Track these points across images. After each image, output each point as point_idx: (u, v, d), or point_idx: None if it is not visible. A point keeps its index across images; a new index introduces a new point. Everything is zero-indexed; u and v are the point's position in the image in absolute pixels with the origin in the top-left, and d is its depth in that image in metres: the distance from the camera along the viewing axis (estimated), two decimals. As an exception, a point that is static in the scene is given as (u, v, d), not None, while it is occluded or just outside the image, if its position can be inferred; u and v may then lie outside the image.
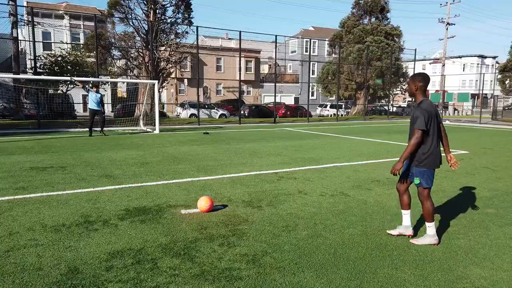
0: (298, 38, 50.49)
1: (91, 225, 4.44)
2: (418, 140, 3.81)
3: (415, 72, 4.15)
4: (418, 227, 4.56)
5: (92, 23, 23.47)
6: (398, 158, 3.98)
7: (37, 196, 5.62)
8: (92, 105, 14.45)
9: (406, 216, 4.24)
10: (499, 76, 36.19)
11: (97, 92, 14.49)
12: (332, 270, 3.41)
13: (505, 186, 6.79)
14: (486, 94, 59.63)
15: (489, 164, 9.03)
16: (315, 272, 3.36)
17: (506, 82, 35.50)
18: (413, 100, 4.14)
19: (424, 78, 3.91)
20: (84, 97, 28.11)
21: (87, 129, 14.65)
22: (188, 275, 3.26)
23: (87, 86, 14.99)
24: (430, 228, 4.02)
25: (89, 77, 24.08)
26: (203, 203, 4.97)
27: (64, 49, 25.95)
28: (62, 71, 24.05)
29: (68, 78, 16.27)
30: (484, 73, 34.36)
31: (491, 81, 58.01)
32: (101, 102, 14.59)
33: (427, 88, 4.08)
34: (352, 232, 4.38)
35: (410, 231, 4.21)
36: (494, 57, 69.49)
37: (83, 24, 40.24)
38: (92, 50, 24.81)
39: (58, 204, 5.27)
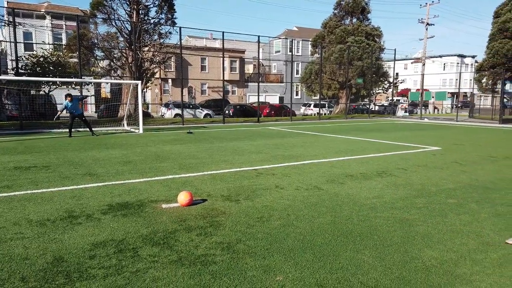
0: (281, 38, 50.95)
1: (75, 219, 4.67)
2: None
3: None
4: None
5: (75, 23, 23.38)
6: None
7: (22, 194, 5.81)
8: (70, 109, 14.56)
9: None
10: (476, 75, 37.30)
11: (71, 100, 14.47)
12: (300, 254, 3.74)
13: (468, 179, 7.24)
14: (465, 92, 61.20)
15: (458, 159, 9.52)
16: (283, 256, 3.68)
17: (483, 81, 36.62)
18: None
19: None
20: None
21: (67, 129, 14.75)
22: (167, 261, 3.54)
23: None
24: None
25: (72, 77, 24.01)
26: (183, 197, 5.24)
27: (46, 50, 25.76)
28: (44, 71, 23.91)
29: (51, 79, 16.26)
30: (462, 72, 35.36)
31: (470, 80, 59.57)
32: (80, 104, 14.82)
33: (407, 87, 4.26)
34: (321, 221, 4.72)
35: None
36: (473, 57, 71.31)
37: (65, 24, 39.87)
38: (75, 50, 24.74)
39: (43, 201, 5.47)
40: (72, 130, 14.72)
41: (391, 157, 9.89)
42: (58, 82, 24.79)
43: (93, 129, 15.28)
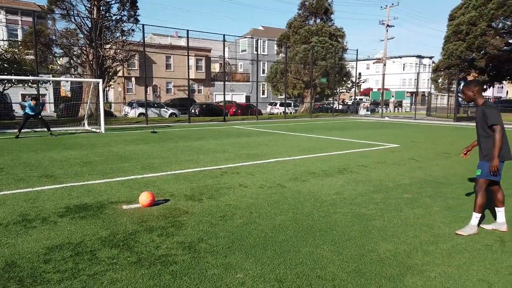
0: (247, 37, 51.04)
1: (30, 223, 4.49)
2: (501, 134, 4.00)
3: (467, 81, 4.44)
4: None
5: (31, 19, 22.35)
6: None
7: (-29, 198, 5.51)
8: (28, 110, 13.96)
9: (501, 215, 4.36)
10: (433, 75, 39.04)
11: (36, 105, 13.92)
12: (261, 251, 3.79)
13: (423, 174, 7.59)
14: (423, 92, 63.83)
15: (415, 156, 9.95)
16: (245, 254, 3.72)
17: (439, 81, 38.38)
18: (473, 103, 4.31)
19: (478, 83, 4.24)
20: (24, 96, 26.70)
21: (16, 130, 14.11)
22: (126, 263, 3.48)
23: (27, 98, 14.58)
24: (473, 220, 4.28)
25: (28, 75, 22.94)
26: (144, 197, 5.17)
27: (0, 46, 24.43)
28: (-2, 69, 22.65)
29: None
30: (420, 73, 36.86)
31: (428, 79, 62.26)
32: (39, 109, 14.28)
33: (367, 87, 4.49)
34: (283, 218, 4.80)
35: (504, 227, 4.32)
36: (430, 57, 74.42)
37: (21, 20, 37.98)
38: (31, 47, 23.64)
39: (-5, 204, 5.22)
40: (29, 130, 14.09)
41: (352, 154, 10.18)
42: (13, 80, 23.58)
43: (51, 129, 14.68)
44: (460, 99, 29.56)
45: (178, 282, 3.14)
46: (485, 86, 38.76)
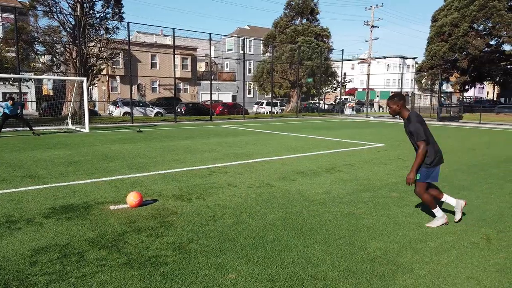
0: (233, 36, 50.92)
1: (14, 225, 4.37)
2: (425, 150, 4.22)
3: (391, 95, 4.62)
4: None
5: (11, 15, 21.82)
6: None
7: (-48, 199, 5.34)
8: (6, 111, 13.67)
9: (449, 199, 4.56)
10: (416, 76, 39.67)
11: (13, 104, 13.64)
12: (252, 251, 3.77)
13: (410, 173, 7.69)
14: (407, 92, 64.81)
15: (401, 155, 10.08)
16: (236, 254, 3.70)
17: (422, 81, 39.05)
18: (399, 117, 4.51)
19: (401, 97, 4.41)
20: (4, 94, 26.06)
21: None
22: (115, 264, 3.42)
23: (7, 97, 14.27)
24: (438, 212, 4.48)
25: (9, 73, 22.39)
26: (132, 198, 5.09)
27: (-22, 43, 23.79)
28: (-23, 66, 22.07)
29: None
30: (404, 73, 37.42)
31: (411, 80, 63.24)
32: (19, 108, 13.99)
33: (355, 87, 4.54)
34: (273, 217, 4.80)
35: (462, 202, 4.55)
36: (413, 58, 75.62)
37: (1, 16, 37.03)
38: (12, 44, 23.08)
39: (-24, 206, 5.07)
40: (10, 130, 13.77)
41: (339, 154, 10.26)
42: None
43: (34, 128, 14.36)
44: (443, 99, 30.13)
45: (170, 283, 3.10)
46: (466, 87, 39.62)
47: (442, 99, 30.14)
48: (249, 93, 51.78)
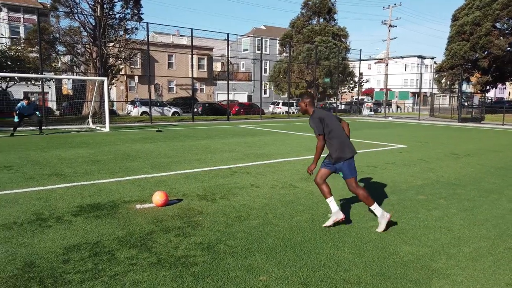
0: (250, 36, 50.95)
1: (44, 222, 4.44)
2: (321, 143, 4.38)
3: (302, 95, 4.78)
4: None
5: (33, 16, 22.29)
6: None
7: (-17, 196, 5.46)
8: (21, 110, 13.92)
9: (332, 203, 4.46)
10: (436, 76, 38.96)
11: (29, 104, 13.89)
12: (281, 253, 3.73)
13: (435, 175, 7.53)
14: (426, 92, 63.78)
15: (424, 157, 9.89)
16: (265, 255, 3.66)
17: (442, 81, 38.33)
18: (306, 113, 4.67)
19: (309, 95, 4.62)
20: (26, 93, 26.63)
21: (12, 128, 14.02)
22: (146, 264, 3.43)
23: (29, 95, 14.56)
24: (376, 209, 4.39)
25: (32, 73, 22.88)
26: (158, 197, 5.11)
27: (2, 43, 24.40)
28: (1, 66, 22.63)
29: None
30: (423, 73, 36.82)
31: (430, 80, 62.16)
32: (35, 109, 14.21)
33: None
34: (299, 219, 4.75)
35: (341, 215, 4.40)
36: (432, 58, 74.36)
37: (24, 17, 37.91)
38: (35, 45, 23.59)
39: (7, 203, 5.16)
40: (33, 128, 14.04)
41: (360, 155, 10.12)
42: (16, 78, 23.53)
43: (56, 127, 14.62)
44: (463, 99, 29.50)
45: (201, 284, 3.08)
46: (487, 87, 38.73)
47: (463, 99, 29.51)
48: (265, 93, 51.72)
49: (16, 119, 13.72)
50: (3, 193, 5.64)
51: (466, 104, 28.95)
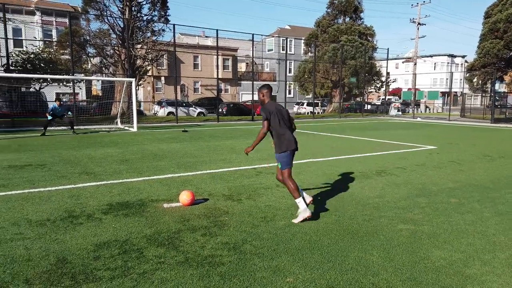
0: (274, 36, 50.88)
1: (76, 219, 4.56)
2: (264, 130, 4.68)
3: (262, 85, 4.99)
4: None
5: (65, 20, 23.06)
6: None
7: (19, 193, 5.67)
8: (56, 112, 14.42)
9: (301, 197, 4.64)
10: (467, 75, 37.70)
11: (61, 105, 14.36)
12: (307, 254, 3.69)
13: (467, 178, 7.28)
14: (456, 92, 61.85)
15: (455, 158, 9.57)
16: (292, 257, 3.63)
17: (474, 80, 37.04)
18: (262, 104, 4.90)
19: (267, 87, 4.84)
20: (58, 94, 27.57)
21: (42, 128, 14.49)
22: (174, 262, 3.47)
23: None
24: (300, 203, 4.57)
25: (63, 74, 23.66)
26: (185, 197, 5.16)
27: (36, 46, 25.35)
28: (35, 68, 23.50)
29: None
30: (453, 72, 35.72)
31: (460, 79, 60.24)
32: (67, 110, 14.72)
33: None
34: (326, 221, 4.68)
35: (308, 213, 4.56)
36: (463, 56, 72.06)
37: (56, 21, 39.27)
38: (66, 47, 24.38)
39: (41, 200, 5.35)
40: (65, 128, 14.52)
41: (388, 156, 9.91)
42: (49, 79, 24.40)
43: (85, 126, 15.07)
44: (496, 99, 28.39)
45: (228, 284, 3.08)
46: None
47: (496, 99, 28.40)
48: (289, 93, 51.51)
49: (49, 118, 14.24)
50: (37, 191, 5.85)
51: (499, 104, 27.85)
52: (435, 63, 68.90)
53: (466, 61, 68.76)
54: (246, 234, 4.21)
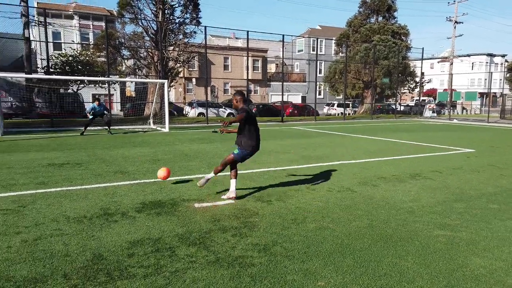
0: (305, 37, 50.55)
1: (111, 217, 4.70)
2: (240, 117, 5.19)
3: (236, 91, 5.70)
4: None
5: (101, 23, 23.87)
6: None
7: (58, 190, 5.91)
8: (96, 112, 14.96)
9: (233, 183, 5.58)
10: (508, 75, 35.99)
11: (99, 105, 14.90)
12: (339, 258, 3.63)
13: (509, 183, 6.93)
14: (495, 93, 59.21)
15: (495, 162, 9.15)
16: (323, 260, 3.58)
17: (515, 80, 35.32)
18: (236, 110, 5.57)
19: (240, 94, 5.49)
20: (94, 95, 28.57)
21: (83, 127, 15.07)
22: (205, 262, 3.50)
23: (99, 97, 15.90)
24: (207, 178, 5.76)
25: (99, 76, 24.51)
26: (162, 172, 6.17)
27: (74, 49, 26.39)
28: (73, 70, 24.48)
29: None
30: (492, 72, 34.20)
31: (500, 79, 57.59)
32: (105, 109, 15.28)
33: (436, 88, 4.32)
34: (358, 224, 4.59)
35: (233, 194, 5.51)
36: (503, 56, 68.93)
37: (93, 24, 40.73)
38: (102, 50, 25.23)
39: (78, 197, 5.55)
40: (100, 128, 15.02)
41: (423, 158, 9.61)
42: (86, 81, 25.35)
43: (119, 127, 15.54)
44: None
45: (259, 286, 3.08)
46: None
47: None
48: (319, 94, 51.01)
49: (90, 117, 14.83)
50: (75, 189, 6.07)
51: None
52: (472, 63, 66.25)
53: (506, 61, 65.69)
54: (276, 235, 4.19)
